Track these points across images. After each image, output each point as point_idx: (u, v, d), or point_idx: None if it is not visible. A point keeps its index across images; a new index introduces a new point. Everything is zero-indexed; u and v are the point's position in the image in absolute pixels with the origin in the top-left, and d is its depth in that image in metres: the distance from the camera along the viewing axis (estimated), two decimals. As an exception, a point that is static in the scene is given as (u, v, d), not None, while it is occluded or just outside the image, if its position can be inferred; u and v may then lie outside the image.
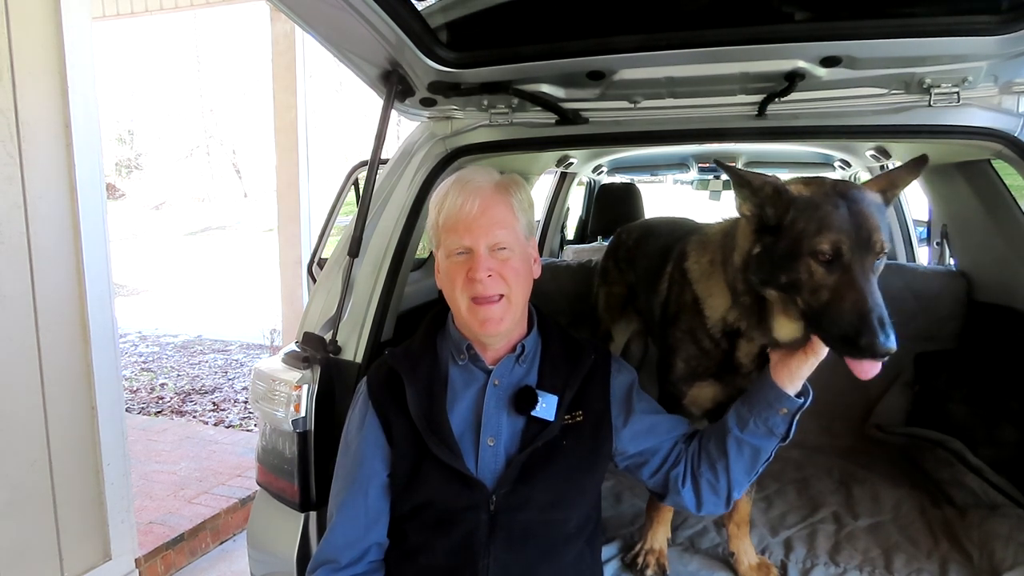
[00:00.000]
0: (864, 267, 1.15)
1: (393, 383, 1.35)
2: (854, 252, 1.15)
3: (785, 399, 1.28)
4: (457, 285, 1.29)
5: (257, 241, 14.84)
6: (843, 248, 1.15)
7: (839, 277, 1.15)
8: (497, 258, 1.28)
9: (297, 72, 4.87)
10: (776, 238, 1.22)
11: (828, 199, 1.20)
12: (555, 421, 1.30)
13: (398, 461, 1.32)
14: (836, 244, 1.15)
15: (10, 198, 2.30)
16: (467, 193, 1.29)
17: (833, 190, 1.22)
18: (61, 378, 2.48)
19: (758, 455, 1.33)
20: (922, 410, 2.36)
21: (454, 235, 1.29)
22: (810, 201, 1.20)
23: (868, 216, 1.18)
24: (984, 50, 1.35)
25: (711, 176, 4.42)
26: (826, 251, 1.15)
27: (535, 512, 1.29)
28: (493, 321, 1.28)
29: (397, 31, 1.41)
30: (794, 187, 1.24)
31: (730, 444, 1.33)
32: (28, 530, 2.42)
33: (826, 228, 1.16)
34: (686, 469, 1.37)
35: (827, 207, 1.18)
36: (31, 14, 2.31)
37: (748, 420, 1.31)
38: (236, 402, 5.26)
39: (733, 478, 1.34)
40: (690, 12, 1.45)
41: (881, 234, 1.17)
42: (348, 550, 1.32)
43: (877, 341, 1.07)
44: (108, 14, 6.08)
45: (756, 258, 1.27)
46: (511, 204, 1.31)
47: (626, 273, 2.10)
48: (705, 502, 1.37)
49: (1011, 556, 1.58)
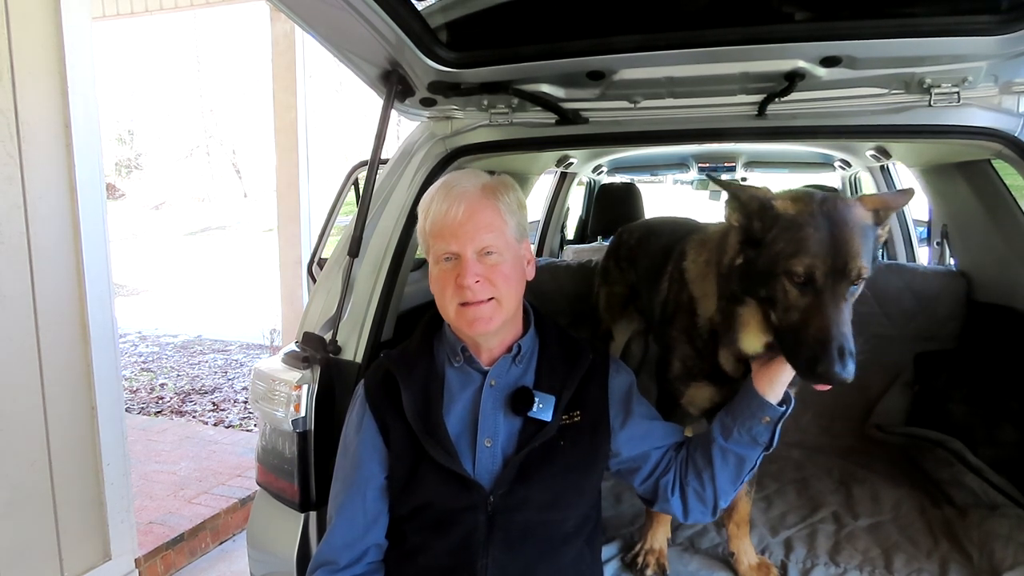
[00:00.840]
0: (836, 293, 1.16)
1: (390, 385, 1.35)
2: (827, 278, 1.16)
3: (767, 408, 1.29)
4: (447, 291, 1.28)
5: (257, 241, 14.84)
6: (816, 273, 1.16)
7: (811, 300, 1.16)
8: (485, 263, 1.27)
9: (297, 72, 4.87)
10: (758, 253, 1.23)
11: (812, 220, 1.18)
12: (552, 421, 1.30)
13: (395, 463, 1.32)
14: (810, 268, 1.16)
15: (10, 198, 2.30)
16: (452, 198, 1.28)
17: (820, 209, 1.19)
18: (61, 378, 2.48)
19: (743, 464, 1.34)
20: (922, 410, 2.36)
21: (441, 241, 1.28)
22: (793, 221, 1.19)
23: (849, 241, 1.16)
24: (984, 50, 1.35)
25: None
26: (800, 274, 1.16)
27: (533, 512, 1.29)
28: (482, 320, 1.27)
29: (397, 31, 1.41)
30: (781, 203, 1.22)
31: (715, 453, 1.33)
32: (28, 530, 2.42)
33: (802, 251, 1.16)
34: (675, 478, 1.38)
35: (808, 229, 1.17)
36: (31, 14, 2.31)
37: (732, 429, 1.32)
38: (236, 402, 5.26)
39: (719, 487, 1.35)
40: (690, 12, 1.45)
41: (860, 261, 1.16)
42: (347, 551, 1.32)
43: (833, 370, 1.10)
44: (108, 14, 6.08)
45: (738, 269, 1.28)
46: (499, 207, 1.29)
47: (627, 273, 2.10)
48: (692, 510, 1.39)
49: (1011, 556, 1.58)
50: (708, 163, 4.27)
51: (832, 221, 1.18)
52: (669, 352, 1.58)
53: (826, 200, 1.21)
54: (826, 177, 4.55)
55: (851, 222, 1.18)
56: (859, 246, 1.17)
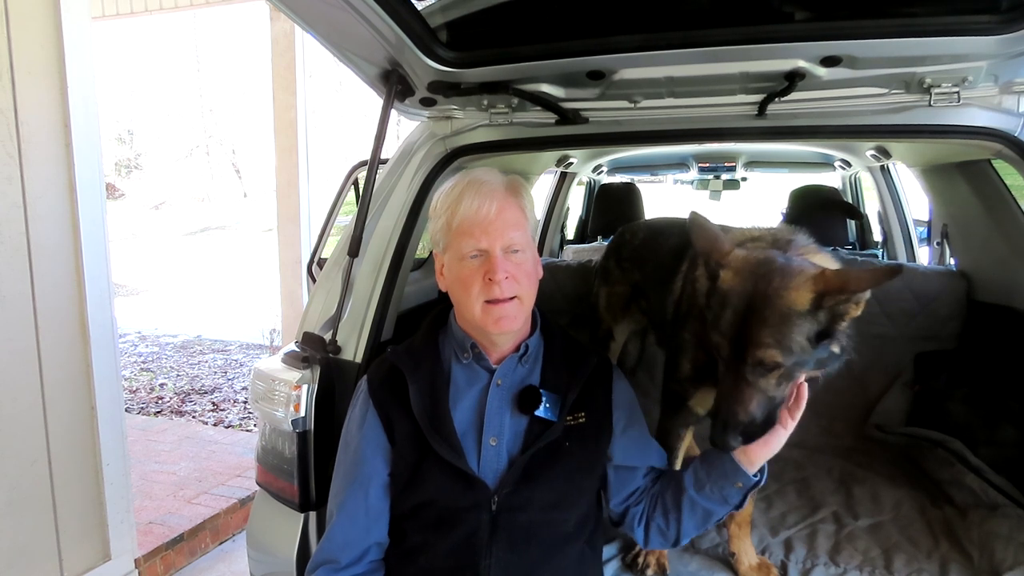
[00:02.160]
0: (738, 374, 1.17)
1: (395, 381, 1.35)
2: (731, 358, 1.18)
3: (741, 475, 1.30)
4: (473, 288, 1.27)
5: (257, 241, 14.83)
6: (722, 351, 1.19)
7: (723, 370, 1.21)
8: (512, 260, 1.28)
9: (297, 72, 4.86)
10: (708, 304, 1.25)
11: (737, 301, 1.15)
12: (558, 422, 1.30)
13: (399, 459, 1.32)
14: (717, 346, 1.19)
15: (10, 198, 2.30)
16: (484, 195, 1.28)
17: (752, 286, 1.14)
18: (61, 378, 2.48)
19: (709, 517, 1.35)
20: (922, 410, 2.36)
21: (469, 238, 1.27)
22: (723, 299, 1.18)
23: (759, 329, 1.12)
24: (984, 50, 1.35)
25: (711, 176, 4.42)
26: (712, 343, 1.20)
27: (536, 512, 1.28)
28: (508, 319, 1.28)
29: (397, 31, 1.41)
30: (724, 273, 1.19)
31: (684, 502, 1.34)
32: (28, 530, 2.42)
33: (716, 329, 1.19)
34: (643, 511, 1.39)
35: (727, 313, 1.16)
36: (31, 14, 2.31)
37: (704, 485, 1.33)
38: (236, 402, 5.26)
39: (683, 529, 1.36)
40: (690, 12, 1.45)
41: (766, 351, 1.11)
42: (348, 549, 1.32)
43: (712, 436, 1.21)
44: (108, 14, 6.08)
45: (706, 304, 1.28)
46: (523, 206, 1.32)
47: (630, 272, 2.09)
48: (652, 541, 1.41)
49: (1011, 556, 1.57)
50: (708, 163, 4.27)
51: (753, 303, 1.13)
52: (680, 353, 1.57)
53: (763, 276, 1.15)
54: (826, 177, 4.55)
55: (774, 307, 1.12)
56: (769, 336, 1.12)
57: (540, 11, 1.54)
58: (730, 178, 4.41)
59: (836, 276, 1.13)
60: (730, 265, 1.20)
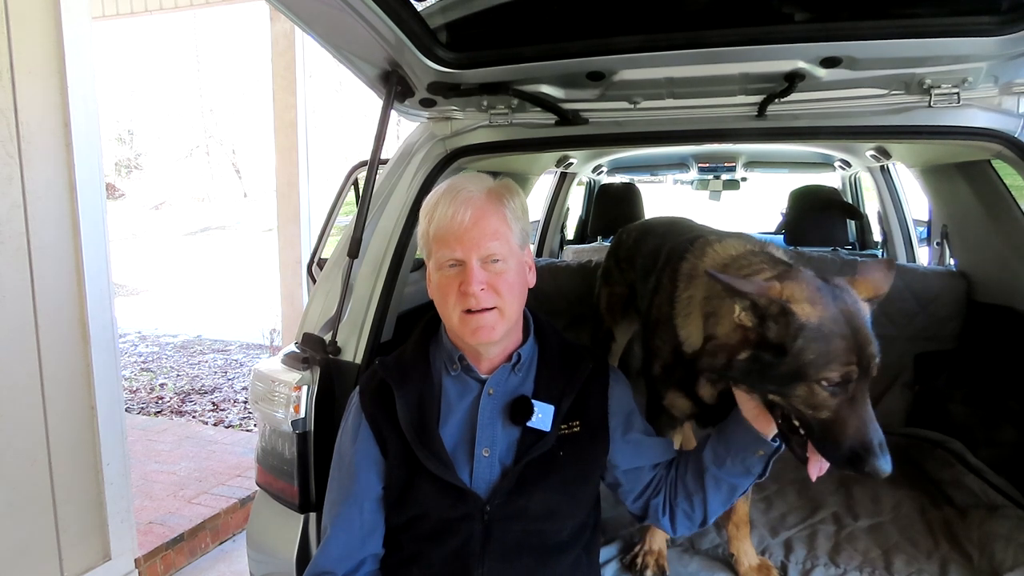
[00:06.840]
0: (865, 392, 1.17)
1: (385, 393, 1.33)
2: (860, 380, 1.16)
3: (762, 443, 1.28)
4: (449, 299, 1.25)
5: (257, 241, 14.84)
6: (853, 377, 1.16)
7: (841, 400, 1.16)
8: (490, 271, 1.24)
9: (297, 72, 4.86)
10: (776, 359, 1.17)
11: (837, 325, 1.16)
12: (551, 432, 1.29)
13: (392, 473, 1.31)
14: (847, 376, 1.15)
15: (10, 198, 2.30)
16: (458, 203, 1.24)
17: (841, 313, 1.17)
18: (60, 378, 2.48)
19: (735, 491, 1.34)
20: (922, 410, 2.36)
21: (445, 247, 1.24)
22: (819, 331, 1.15)
23: (871, 341, 1.17)
24: (984, 51, 1.35)
25: (711, 176, 4.43)
26: (836, 379, 1.15)
27: (529, 522, 1.28)
28: (486, 329, 1.25)
29: (396, 31, 1.41)
30: (800, 308, 1.16)
31: (708, 480, 1.33)
32: (28, 530, 2.42)
33: (837, 361, 1.15)
34: (664, 500, 1.38)
35: (837, 340, 1.15)
36: (31, 14, 2.31)
37: (725, 459, 1.31)
38: (236, 402, 5.26)
39: (709, 509, 1.35)
40: (690, 12, 1.45)
41: (878, 356, 1.18)
42: (344, 562, 1.31)
43: (878, 465, 1.14)
44: (108, 14, 6.08)
45: (743, 364, 1.22)
46: (504, 213, 1.27)
47: (627, 273, 2.10)
48: (679, 527, 1.39)
49: (1011, 557, 1.57)
50: (708, 163, 4.27)
51: (852, 323, 1.17)
52: (652, 355, 1.57)
53: (838, 298, 1.19)
54: (826, 177, 4.55)
55: (864, 318, 1.19)
56: (876, 342, 1.18)
57: (540, 12, 1.54)
58: (730, 178, 4.41)
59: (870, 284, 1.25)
60: (797, 299, 1.17)
